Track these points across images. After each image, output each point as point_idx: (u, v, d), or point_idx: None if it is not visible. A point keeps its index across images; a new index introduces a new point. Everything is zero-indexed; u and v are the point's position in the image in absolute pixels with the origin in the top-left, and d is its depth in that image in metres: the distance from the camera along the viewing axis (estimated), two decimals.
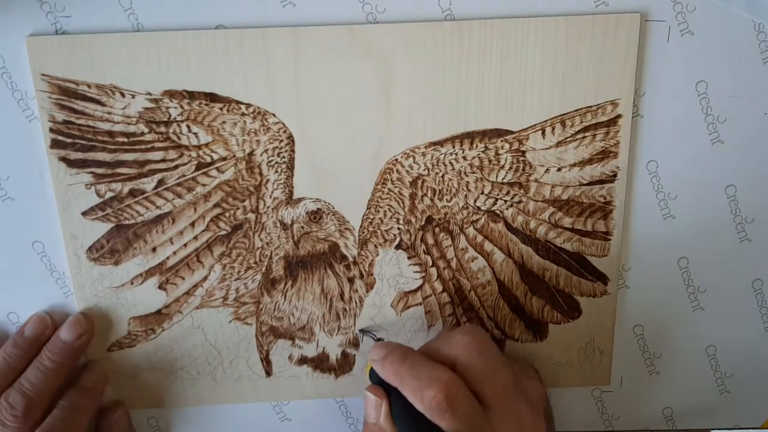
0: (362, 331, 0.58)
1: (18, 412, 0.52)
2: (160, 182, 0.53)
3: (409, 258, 0.56)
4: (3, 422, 0.52)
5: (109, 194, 0.53)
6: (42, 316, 0.55)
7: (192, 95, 0.51)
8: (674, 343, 0.61)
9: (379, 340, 0.57)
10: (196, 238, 0.54)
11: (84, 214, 0.53)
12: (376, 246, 0.56)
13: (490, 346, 0.50)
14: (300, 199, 0.54)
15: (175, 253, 0.55)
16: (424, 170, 0.54)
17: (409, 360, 0.48)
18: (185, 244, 0.55)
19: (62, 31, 0.50)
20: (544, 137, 0.53)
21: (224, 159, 0.53)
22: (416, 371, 0.47)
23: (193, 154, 0.52)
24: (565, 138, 0.53)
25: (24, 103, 0.51)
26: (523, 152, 0.53)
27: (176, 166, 0.53)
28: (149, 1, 0.50)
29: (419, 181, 0.54)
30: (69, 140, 0.51)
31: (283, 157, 0.53)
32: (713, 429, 0.65)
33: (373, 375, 0.51)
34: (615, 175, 0.54)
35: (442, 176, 0.54)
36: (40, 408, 0.53)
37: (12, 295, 0.56)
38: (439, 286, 0.57)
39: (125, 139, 0.52)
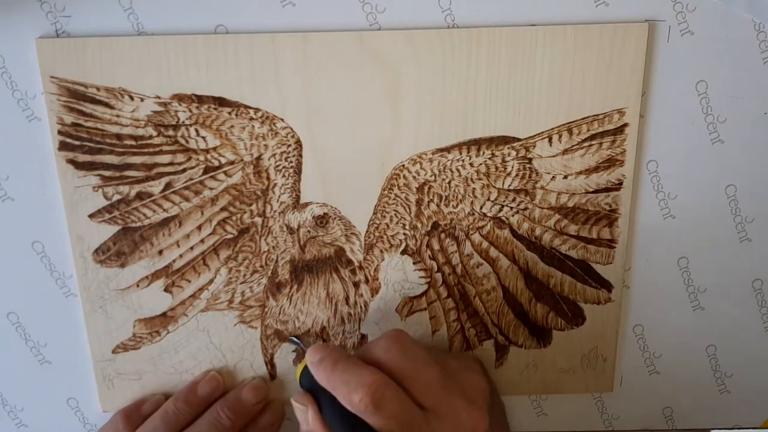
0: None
1: None
2: (168, 185, 0.53)
3: (414, 263, 0.56)
4: None
5: (117, 197, 0.53)
6: (215, 377, 0.57)
7: (201, 99, 0.51)
8: (674, 342, 0.61)
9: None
10: (202, 241, 0.55)
11: (91, 216, 0.53)
12: (381, 251, 0.56)
13: (413, 346, 0.50)
14: (307, 204, 0.54)
15: (181, 256, 0.55)
16: (430, 176, 0.54)
17: (339, 365, 0.48)
18: (192, 247, 0.55)
19: (62, 31, 0.50)
20: (550, 145, 0.53)
21: (232, 163, 0.53)
22: (345, 376, 0.47)
23: (201, 157, 0.52)
24: (572, 146, 0.53)
25: (24, 103, 0.51)
26: (530, 159, 0.54)
27: (184, 170, 0.53)
28: (149, 1, 0.49)
29: (426, 187, 0.54)
30: (77, 143, 0.51)
31: (291, 162, 0.53)
32: (713, 429, 0.65)
33: (304, 379, 0.50)
34: (621, 183, 0.54)
35: (449, 182, 0.54)
36: None
37: (11, 295, 0.56)
38: (444, 292, 0.57)
39: (133, 142, 0.52)
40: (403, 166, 0.53)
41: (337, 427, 0.48)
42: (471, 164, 0.54)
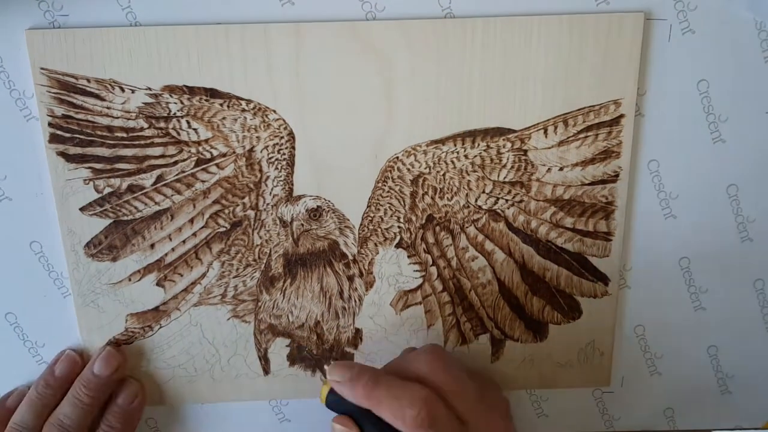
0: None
1: None
2: (159, 178, 0.53)
3: (409, 257, 0.56)
4: None
5: (108, 190, 0.53)
6: (71, 354, 0.56)
7: (192, 91, 0.51)
8: (675, 343, 0.61)
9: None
10: (194, 234, 0.54)
11: (82, 209, 0.53)
12: (376, 244, 0.55)
13: (454, 362, 0.50)
14: (300, 197, 0.54)
15: (173, 249, 0.55)
16: (425, 168, 0.53)
17: (383, 381, 0.48)
18: (184, 241, 0.54)
19: (59, 27, 0.50)
20: (546, 136, 0.53)
21: (224, 155, 0.52)
22: (393, 391, 0.47)
23: (193, 150, 0.52)
24: (568, 137, 0.53)
25: (22, 102, 0.51)
26: (525, 151, 0.53)
27: (175, 162, 0.52)
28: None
29: (420, 180, 0.54)
30: (68, 135, 0.51)
31: (284, 154, 0.53)
32: (714, 429, 0.64)
33: (331, 400, 0.50)
34: (617, 175, 0.54)
35: (444, 175, 0.54)
36: None
37: (10, 295, 0.56)
38: (439, 286, 0.57)
39: (124, 135, 0.51)
40: (398, 158, 0.53)
41: None
42: (466, 156, 0.53)
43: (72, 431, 0.53)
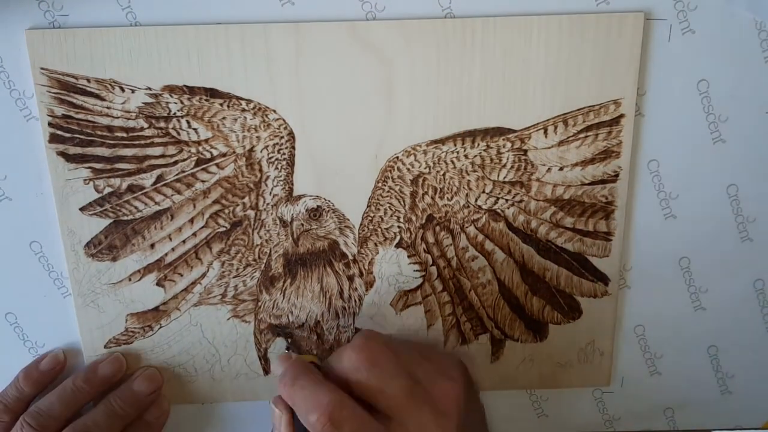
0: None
1: None
2: (159, 178, 0.53)
3: (409, 256, 0.56)
4: None
5: (108, 189, 0.53)
6: (118, 357, 0.56)
7: (192, 90, 0.51)
8: (675, 343, 0.60)
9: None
10: (195, 234, 0.54)
11: (82, 209, 0.53)
12: (376, 244, 0.55)
13: (382, 354, 0.49)
14: (300, 197, 0.54)
15: (173, 249, 0.54)
16: (425, 168, 0.53)
17: (298, 382, 0.48)
18: (184, 241, 0.54)
19: (59, 27, 0.49)
20: (546, 136, 0.53)
21: (224, 155, 0.52)
22: (303, 393, 0.47)
23: (193, 149, 0.52)
24: (568, 137, 0.53)
25: (22, 102, 0.51)
26: (525, 151, 0.53)
27: (175, 162, 0.52)
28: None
29: (420, 179, 0.54)
30: (68, 135, 0.51)
31: (284, 154, 0.53)
32: (714, 430, 0.64)
33: None
34: (617, 175, 0.54)
35: (443, 174, 0.54)
36: None
37: (10, 295, 0.56)
38: (439, 285, 0.57)
39: (124, 134, 0.51)
40: (397, 158, 0.53)
41: None
42: (466, 156, 0.53)
43: None
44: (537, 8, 0.50)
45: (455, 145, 0.53)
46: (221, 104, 0.51)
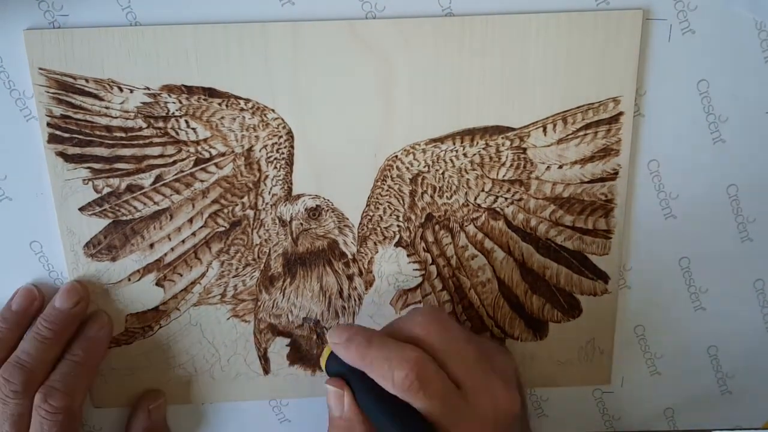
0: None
1: (17, 387, 0.51)
2: (158, 178, 0.53)
3: (408, 255, 0.56)
4: (3, 400, 0.51)
5: (107, 190, 0.53)
6: (29, 288, 0.54)
7: (190, 90, 0.51)
8: (675, 343, 0.60)
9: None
10: (194, 234, 0.54)
11: (81, 209, 0.53)
12: (375, 243, 0.55)
13: (451, 323, 0.49)
14: (299, 196, 0.54)
15: (172, 249, 0.54)
16: (424, 167, 0.53)
17: (375, 342, 0.47)
18: (183, 241, 0.54)
19: (58, 27, 0.50)
20: (545, 134, 0.53)
21: (223, 155, 0.52)
22: (384, 352, 0.46)
23: (192, 149, 0.52)
24: (567, 135, 0.53)
25: (22, 102, 0.51)
26: (524, 149, 0.53)
27: (174, 162, 0.52)
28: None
29: (419, 178, 0.54)
30: (66, 135, 0.51)
31: (282, 153, 0.53)
32: (714, 430, 0.64)
33: (331, 365, 0.49)
34: (616, 173, 0.54)
35: (443, 173, 0.54)
36: (39, 381, 0.52)
37: (10, 295, 0.55)
38: (438, 284, 0.57)
39: (123, 134, 0.51)
40: (396, 156, 0.53)
41: (374, 411, 0.47)
42: (465, 155, 0.53)
43: (30, 369, 0.51)
44: (536, 6, 0.50)
45: (454, 143, 0.53)
46: (220, 104, 0.51)
